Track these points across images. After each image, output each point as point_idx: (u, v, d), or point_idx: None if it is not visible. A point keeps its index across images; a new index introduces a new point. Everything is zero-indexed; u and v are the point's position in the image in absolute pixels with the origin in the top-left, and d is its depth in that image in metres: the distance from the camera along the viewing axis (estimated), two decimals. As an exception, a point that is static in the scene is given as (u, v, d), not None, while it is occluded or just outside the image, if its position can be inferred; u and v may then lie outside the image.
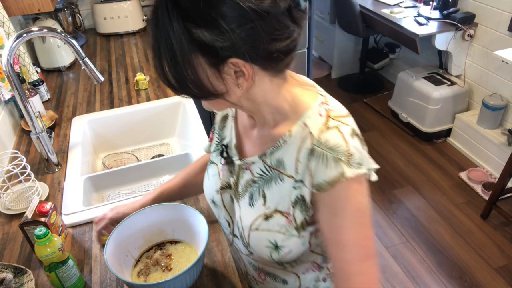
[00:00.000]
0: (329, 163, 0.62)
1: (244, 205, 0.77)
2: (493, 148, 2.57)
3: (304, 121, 0.66)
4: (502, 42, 2.47)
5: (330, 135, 0.63)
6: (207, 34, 0.56)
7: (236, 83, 0.61)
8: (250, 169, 0.75)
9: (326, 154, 0.62)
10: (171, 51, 0.58)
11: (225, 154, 0.81)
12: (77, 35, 2.41)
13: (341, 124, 0.65)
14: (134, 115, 1.64)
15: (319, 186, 0.64)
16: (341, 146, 0.62)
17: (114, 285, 0.93)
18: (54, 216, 1.01)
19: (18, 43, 1.08)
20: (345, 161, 0.62)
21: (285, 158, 0.69)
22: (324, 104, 0.68)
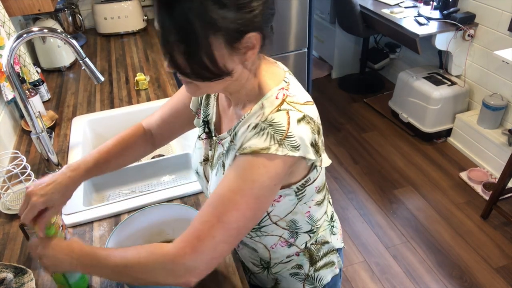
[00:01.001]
0: (264, 136, 0.66)
1: (213, 175, 0.84)
2: (493, 148, 2.56)
3: (263, 102, 0.72)
4: (502, 42, 2.47)
5: (277, 115, 0.68)
6: (231, 13, 0.60)
7: (243, 58, 0.67)
8: (222, 143, 0.82)
9: (266, 128, 0.67)
10: (190, 34, 0.61)
11: (206, 129, 0.89)
12: (77, 35, 2.41)
13: (293, 109, 0.69)
14: (134, 115, 1.64)
15: (243, 148, 0.67)
16: (282, 126, 0.66)
17: (114, 285, 0.93)
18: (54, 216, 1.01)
19: (18, 43, 1.08)
20: (279, 140, 0.65)
21: (239, 132, 0.74)
22: (284, 89, 0.73)
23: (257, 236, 0.85)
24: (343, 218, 2.41)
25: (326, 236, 0.93)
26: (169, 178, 1.41)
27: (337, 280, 0.99)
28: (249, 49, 0.66)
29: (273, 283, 0.97)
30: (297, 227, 0.85)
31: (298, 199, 0.79)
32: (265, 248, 0.88)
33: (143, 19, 2.50)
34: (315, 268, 0.93)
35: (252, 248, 0.91)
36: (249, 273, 1.01)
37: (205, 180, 0.91)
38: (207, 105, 0.90)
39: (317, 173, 0.78)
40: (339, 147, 2.99)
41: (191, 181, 1.21)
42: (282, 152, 0.65)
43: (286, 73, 0.78)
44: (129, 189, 1.37)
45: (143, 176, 1.38)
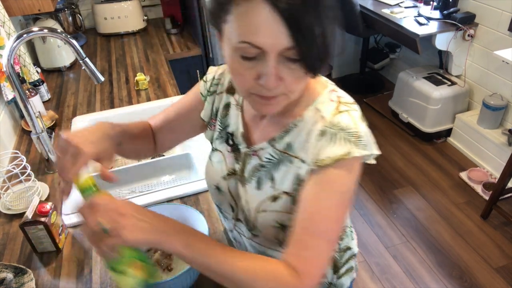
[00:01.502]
0: (338, 141, 0.65)
1: (251, 189, 0.78)
2: (493, 148, 2.56)
3: (316, 106, 0.70)
4: (502, 42, 2.47)
5: (342, 118, 0.66)
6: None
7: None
8: (258, 155, 0.77)
9: (336, 133, 0.65)
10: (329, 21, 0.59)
11: (230, 141, 0.83)
12: (77, 35, 2.41)
13: (351, 109, 0.68)
14: (135, 115, 1.64)
15: (321, 160, 0.65)
16: (352, 128, 0.65)
17: (114, 285, 0.93)
18: (54, 216, 1.01)
19: (18, 43, 1.08)
20: (354, 141, 0.65)
21: (295, 141, 0.71)
22: (334, 91, 0.72)
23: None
24: (343, 218, 2.41)
25: (348, 242, 0.91)
26: (169, 178, 1.41)
27: (352, 283, 0.98)
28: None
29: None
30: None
31: None
32: None
33: (143, 19, 2.51)
34: (338, 275, 0.91)
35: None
36: None
37: (229, 195, 0.85)
38: (225, 116, 0.84)
39: None
40: (339, 147, 2.98)
41: (191, 181, 1.21)
42: (360, 153, 0.65)
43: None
44: (129, 189, 1.37)
45: (143, 176, 1.38)
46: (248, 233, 0.83)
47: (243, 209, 0.81)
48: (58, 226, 1.03)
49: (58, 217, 1.04)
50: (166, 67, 2.02)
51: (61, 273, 0.98)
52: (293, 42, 0.56)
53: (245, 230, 0.84)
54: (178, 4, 2.53)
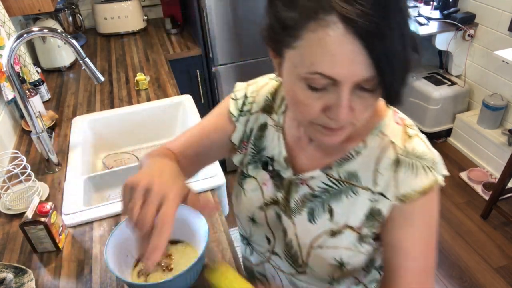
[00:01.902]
0: (420, 172, 0.60)
1: (301, 221, 0.70)
2: (493, 148, 2.56)
3: (381, 130, 0.64)
4: (502, 42, 2.47)
5: (415, 144, 0.62)
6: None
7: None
8: (308, 183, 0.69)
9: (415, 163, 0.60)
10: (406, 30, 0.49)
11: (270, 167, 0.73)
12: (77, 35, 2.41)
13: (417, 132, 0.64)
14: (135, 115, 1.64)
15: (406, 196, 0.61)
16: (427, 154, 0.61)
17: (114, 285, 0.93)
18: (55, 216, 1.01)
19: (18, 43, 1.08)
20: (434, 169, 0.61)
21: (360, 170, 0.64)
22: (396, 112, 0.66)
23: (338, 284, 0.74)
24: (343, 218, 2.41)
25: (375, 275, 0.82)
26: (169, 178, 1.41)
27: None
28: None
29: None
30: (373, 264, 0.75)
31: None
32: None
33: (143, 19, 2.50)
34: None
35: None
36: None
37: (266, 227, 0.76)
38: (260, 138, 0.75)
39: None
40: (339, 147, 2.98)
41: (191, 181, 1.21)
42: (442, 179, 0.62)
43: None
44: (129, 189, 1.37)
45: (143, 176, 1.38)
46: (289, 269, 0.75)
47: (290, 244, 0.72)
48: (58, 226, 1.03)
49: (58, 217, 1.04)
50: (166, 67, 2.02)
51: (61, 273, 0.98)
52: (374, 72, 0.48)
53: (285, 265, 0.76)
54: (178, 4, 2.53)
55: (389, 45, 0.46)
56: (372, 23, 0.44)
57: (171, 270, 0.91)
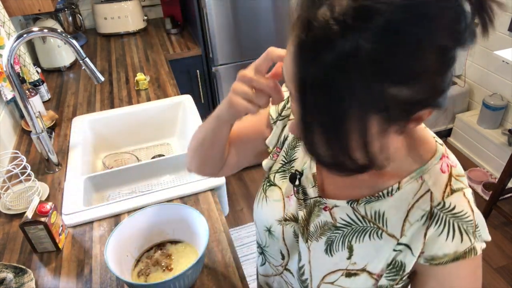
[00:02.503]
0: (456, 234, 0.53)
1: (318, 249, 0.65)
2: (493, 148, 2.56)
3: (422, 175, 0.56)
4: (502, 42, 2.47)
5: (456, 200, 0.54)
6: (407, 90, 0.42)
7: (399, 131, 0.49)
8: (331, 212, 0.63)
9: (451, 222, 0.53)
10: (342, 114, 0.43)
11: (297, 181, 0.67)
12: (77, 35, 2.41)
13: (464, 186, 0.55)
14: (134, 115, 1.64)
15: (435, 258, 0.55)
16: (468, 216, 0.53)
17: (114, 285, 0.93)
18: (55, 216, 1.01)
19: (18, 43, 1.08)
20: (472, 233, 0.53)
21: (388, 213, 0.58)
22: (446, 158, 0.57)
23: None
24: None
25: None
26: (169, 178, 1.41)
27: None
28: (413, 122, 0.48)
29: None
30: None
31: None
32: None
33: (143, 19, 2.51)
34: None
35: None
36: None
37: (281, 242, 0.72)
38: (294, 147, 0.70)
39: None
40: (339, 147, 2.98)
41: (191, 181, 1.21)
42: (482, 247, 0.54)
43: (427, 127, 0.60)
44: (129, 189, 1.37)
45: (143, 176, 1.38)
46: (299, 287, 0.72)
47: (303, 268, 0.69)
48: (58, 226, 1.03)
49: (58, 217, 1.04)
50: (166, 67, 2.02)
51: (61, 273, 0.98)
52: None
53: (297, 285, 0.73)
54: (178, 4, 2.53)
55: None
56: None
57: (171, 270, 0.91)
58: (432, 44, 0.41)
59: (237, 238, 2.18)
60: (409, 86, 0.42)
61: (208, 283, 0.92)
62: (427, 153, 0.57)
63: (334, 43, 0.39)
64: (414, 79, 0.42)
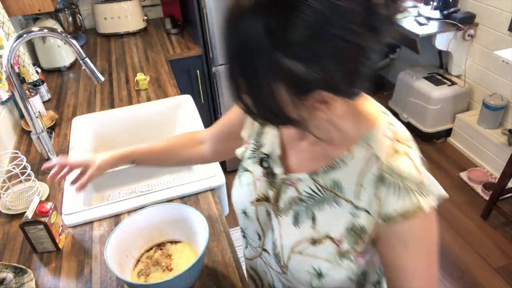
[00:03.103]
0: (403, 193, 0.58)
1: (286, 223, 0.70)
2: (493, 148, 2.56)
3: (368, 142, 0.61)
4: (502, 42, 2.47)
5: (401, 162, 0.59)
6: (302, 66, 0.48)
7: (314, 111, 0.55)
8: (296, 186, 0.69)
9: (398, 183, 0.58)
10: (255, 79, 0.52)
11: (265, 164, 0.74)
12: (77, 35, 2.41)
13: (409, 148, 0.61)
14: (134, 115, 1.64)
15: (389, 217, 0.59)
16: (414, 175, 0.58)
17: (114, 285, 0.93)
18: (55, 216, 1.01)
19: (18, 43, 1.08)
20: (419, 192, 0.58)
21: (343, 181, 0.63)
22: (391, 125, 0.63)
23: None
24: (343, 218, 2.41)
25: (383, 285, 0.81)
26: (169, 178, 1.41)
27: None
28: (320, 103, 0.54)
29: None
30: (366, 278, 0.75)
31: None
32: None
33: (143, 19, 2.50)
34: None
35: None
36: None
37: (256, 223, 0.77)
38: (261, 134, 0.77)
39: None
40: (339, 147, 2.98)
41: (191, 181, 1.21)
42: (429, 205, 0.59)
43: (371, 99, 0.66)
44: (129, 189, 1.37)
45: (143, 176, 1.38)
46: (276, 267, 0.76)
47: (275, 243, 0.73)
48: (58, 226, 1.03)
49: (58, 217, 1.04)
50: (166, 67, 2.02)
51: (61, 273, 0.98)
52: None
53: (274, 263, 0.77)
54: (178, 4, 2.53)
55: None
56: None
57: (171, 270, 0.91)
58: (329, 32, 0.47)
59: (237, 238, 2.18)
60: (303, 64, 0.48)
61: (208, 283, 0.92)
62: (371, 122, 0.62)
63: (245, 17, 0.49)
64: (309, 59, 0.48)
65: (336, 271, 0.65)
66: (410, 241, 0.61)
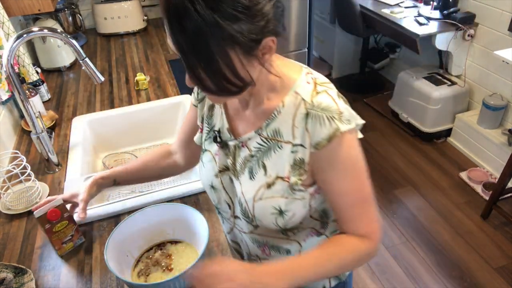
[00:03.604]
0: (324, 121, 0.69)
1: (245, 180, 0.81)
2: (493, 148, 2.56)
3: (295, 90, 0.73)
4: (502, 42, 2.47)
5: (321, 98, 0.71)
6: (243, 25, 0.60)
7: (262, 61, 0.67)
8: (247, 145, 0.80)
9: (320, 114, 0.70)
10: (207, 53, 0.61)
11: (218, 139, 0.85)
12: (77, 35, 2.41)
13: (328, 88, 0.73)
14: (134, 115, 1.64)
15: (318, 144, 0.71)
16: (332, 107, 0.70)
17: (114, 285, 0.93)
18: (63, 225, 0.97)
19: (18, 43, 1.08)
20: (338, 119, 0.69)
21: (281, 127, 0.75)
22: (309, 74, 0.76)
23: (293, 234, 0.85)
24: (343, 218, 2.41)
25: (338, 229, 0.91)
26: (169, 178, 1.41)
27: (352, 271, 1.02)
28: (266, 52, 0.66)
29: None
30: (328, 216, 0.86)
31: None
32: (298, 244, 0.88)
33: (143, 19, 2.50)
34: None
35: (285, 251, 0.89)
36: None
37: (224, 193, 0.88)
38: (211, 116, 0.88)
39: None
40: (339, 147, 2.99)
41: (191, 181, 1.21)
42: (347, 127, 0.69)
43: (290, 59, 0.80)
44: (129, 189, 1.37)
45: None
46: (248, 227, 0.87)
47: (241, 203, 0.83)
48: (65, 235, 0.99)
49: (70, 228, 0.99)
50: (166, 67, 2.02)
51: (61, 273, 0.98)
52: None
53: (245, 225, 0.87)
54: (178, 4, 2.52)
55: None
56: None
57: (171, 270, 0.91)
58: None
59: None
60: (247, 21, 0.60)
61: (208, 283, 0.92)
62: (295, 75, 0.75)
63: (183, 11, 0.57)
64: (245, 14, 0.59)
65: (294, 205, 0.77)
66: (335, 161, 0.72)
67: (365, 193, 0.76)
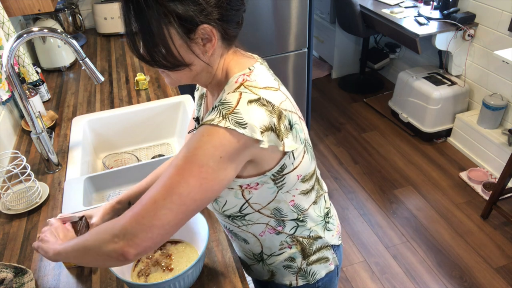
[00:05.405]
0: (213, 112, 0.70)
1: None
2: (493, 148, 2.57)
3: (225, 87, 0.76)
4: (502, 42, 2.47)
5: (230, 96, 0.71)
6: (180, 5, 0.65)
7: (203, 50, 0.71)
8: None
9: (217, 106, 0.71)
10: (146, 24, 0.66)
11: (197, 125, 0.91)
12: (77, 35, 2.41)
13: (249, 92, 0.71)
14: (134, 115, 1.64)
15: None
16: (231, 103, 0.69)
17: (114, 285, 0.93)
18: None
19: (18, 43, 1.08)
20: (223, 114, 0.68)
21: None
22: (245, 75, 0.75)
23: (243, 225, 0.87)
24: (343, 218, 2.41)
25: (319, 231, 0.93)
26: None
27: (333, 277, 1.00)
28: (207, 41, 0.70)
29: (269, 275, 0.98)
30: (282, 215, 0.85)
31: (278, 187, 0.79)
32: (255, 237, 0.89)
33: (143, 19, 2.50)
34: (308, 262, 0.94)
35: (243, 240, 0.92)
36: (247, 267, 1.02)
37: None
38: (200, 105, 0.94)
39: (294, 160, 0.77)
40: (339, 147, 2.99)
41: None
42: (224, 124, 0.66)
43: (257, 63, 0.79)
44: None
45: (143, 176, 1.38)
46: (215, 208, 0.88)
47: None
48: None
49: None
50: (166, 67, 2.02)
51: (61, 273, 0.98)
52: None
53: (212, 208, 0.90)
54: (178, 4, 2.52)
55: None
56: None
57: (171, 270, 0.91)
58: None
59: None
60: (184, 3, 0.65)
61: (208, 283, 0.92)
62: (233, 74, 0.76)
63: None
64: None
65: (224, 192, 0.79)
66: (189, 142, 0.69)
67: (173, 178, 0.67)
